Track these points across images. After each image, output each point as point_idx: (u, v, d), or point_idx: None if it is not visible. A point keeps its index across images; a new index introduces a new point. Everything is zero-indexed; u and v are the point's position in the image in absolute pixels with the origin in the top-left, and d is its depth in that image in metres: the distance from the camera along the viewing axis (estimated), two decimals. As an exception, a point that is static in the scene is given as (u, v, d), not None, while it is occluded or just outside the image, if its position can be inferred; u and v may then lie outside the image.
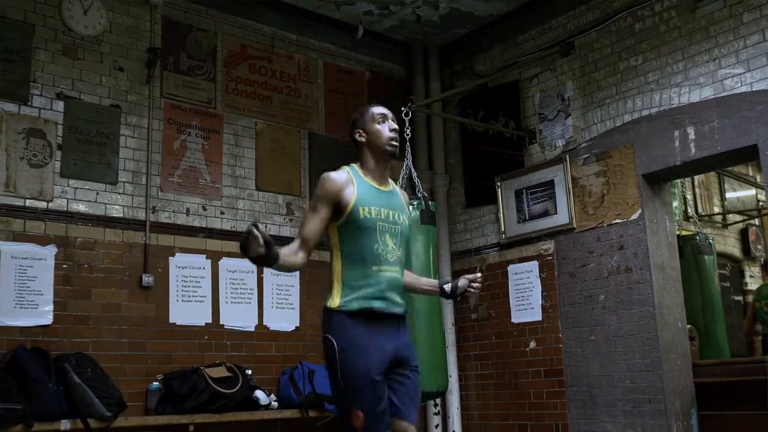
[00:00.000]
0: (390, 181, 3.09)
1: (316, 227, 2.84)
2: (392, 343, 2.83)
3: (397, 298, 2.90)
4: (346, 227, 2.86)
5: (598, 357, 5.50)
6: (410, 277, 3.19)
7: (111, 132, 5.27)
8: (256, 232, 2.53)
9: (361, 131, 3.01)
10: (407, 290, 3.13)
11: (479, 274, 3.21)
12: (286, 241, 5.88)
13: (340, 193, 2.85)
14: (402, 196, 3.12)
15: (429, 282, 3.33)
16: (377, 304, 2.81)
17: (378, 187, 2.98)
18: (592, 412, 5.48)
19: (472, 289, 3.16)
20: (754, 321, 7.54)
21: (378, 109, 3.05)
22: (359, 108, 3.15)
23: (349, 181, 2.90)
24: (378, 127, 2.98)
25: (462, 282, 3.16)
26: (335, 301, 2.82)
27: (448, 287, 3.18)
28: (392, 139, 2.98)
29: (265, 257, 2.57)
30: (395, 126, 3.01)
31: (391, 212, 2.94)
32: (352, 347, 2.72)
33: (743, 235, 10.34)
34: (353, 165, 3.02)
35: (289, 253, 2.76)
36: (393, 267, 2.89)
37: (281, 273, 5.79)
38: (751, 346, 8.07)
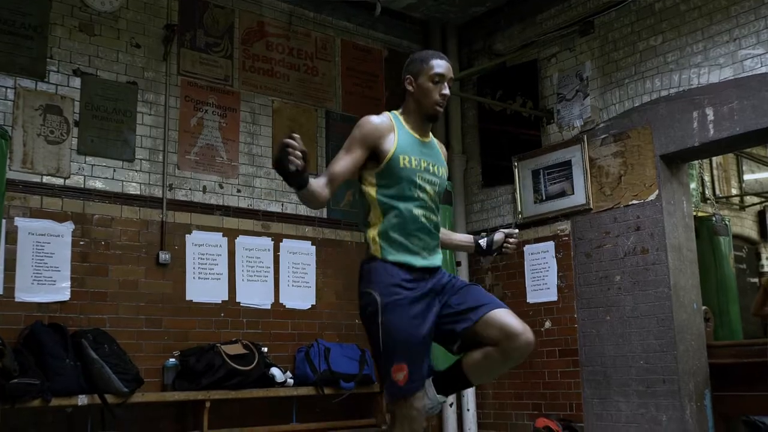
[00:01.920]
0: (430, 133, 2.96)
1: (348, 167, 2.69)
2: (432, 286, 2.72)
3: (435, 250, 2.81)
4: (384, 175, 2.74)
5: (613, 337, 5.50)
6: (443, 233, 3.01)
7: (128, 109, 5.28)
8: (293, 141, 2.38)
9: (412, 79, 2.84)
10: (441, 245, 2.98)
11: (516, 230, 3.12)
12: (302, 219, 5.93)
13: (380, 139, 2.73)
14: (441, 149, 2.99)
15: (463, 238, 3.20)
16: (418, 262, 2.71)
17: (419, 137, 2.86)
18: (606, 392, 5.49)
19: (509, 244, 3.07)
20: (764, 302, 7.48)
21: (438, 66, 2.83)
22: (419, 53, 2.95)
23: (391, 129, 2.77)
24: (430, 85, 2.81)
25: (498, 236, 3.07)
26: (377, 251, 2.70)
27: (483, 242, 3.07)
28: (439, 104, 2.82)
29: (301, 171, 2.42)
30: (447, 92, 2.83)
31: (431, 164, 2.83)
32: (394, 301, 2.60)
33: (761, 217, 10.26)
34: (395, 112, 2.88)
35: (317, 184, 2.60)
36: (429, 216, 2.79)
37: (297, 251, 5.83)
38: (766, 327, 8.03)
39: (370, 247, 2.73)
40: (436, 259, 2.80)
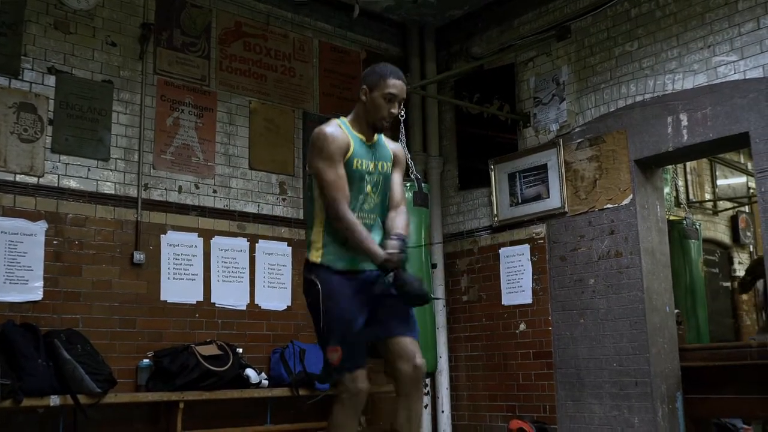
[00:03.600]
0: (376, 135, 3.19)
1: (344, 181, 2.96)
2: (370, 282, 3.00)
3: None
4: None
5: (587, 340, 5.54)
6: (389, 224, 3.17)
7: (103, 108, 5.24)
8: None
9: (367, 90, 3.07)
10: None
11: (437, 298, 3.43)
12: (278, 220, 5.92)
13: (347, 145, 3.01)
14: (387, 144, 3.25)
15: (389, 243, 3.10)
16: (354, 265, 3.00)
17: (366, 141, 3.12)
18: (580, 394, 5.53)
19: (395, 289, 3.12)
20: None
21: (393, 86, 3.06)
22: (380, 65, 3.19)
23: (346, 135, 3.05)
24: (382, 102, 3.04)
25: (392, 277, 3.00)
26: (317, 254, 3.00)
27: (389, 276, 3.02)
28: (385, 119, 3.07)
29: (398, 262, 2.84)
30: (396, 111, 3.07)
31: (378, 164, 3.12)
32: (332, 292, 2.92)
33: (733, 222, 10.39)
34: (342, 118, 3.14)
35: (361, 228, 2.93)
36: (371, 214, 3.07)
37: (273, 252, 5.83)
38: (737, 330, 8.15)
39: (312, 248, 3.03)
40: (371, 264, 3.02)
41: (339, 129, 3.04)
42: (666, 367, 5.29)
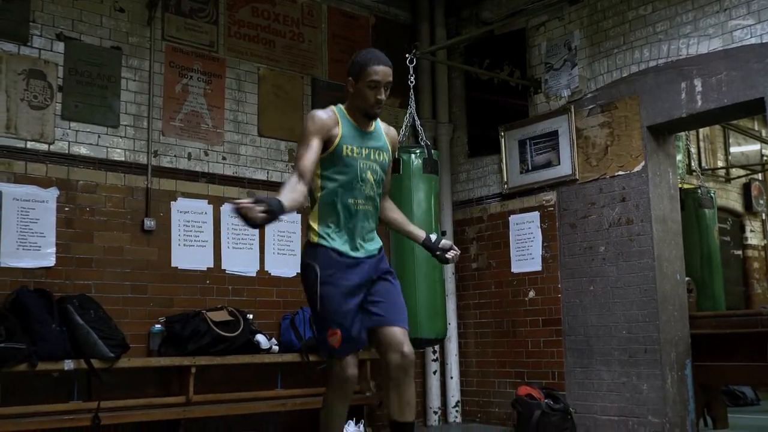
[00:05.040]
0: (374, 122, 3.20)
1: (312, 158, 2.93)
2: (366, 269, 3.04)
3: (371, 237, 3.12)
4: (328, 164, 3.03)
5: (596, 307, 5.55)
6: (400, 218, 3.39)
7: (112, 74, 5.22)
8: (240, 206, 2.56)
9: (352, 82, 3.08)
10: (393, 228, 3.43)
11: (458, 252, 3.36)
12: (287, 187, 5.89)
13: (330, 130, 3.01)
14: (387, 134, 3.26)
15: (416, 231, 3.39)
16: (353, 252, 3.03)
17: (362, 128, 3.12)
18: (588, 361, 5.55)
19: (449, 256, 3.29)
20: None
21: (375, 72, 3.03)
22: (361, 54, 3.14)
23: (336, 121, 3.05)
24: (367, 91, 3.04)
25: (447, 242, 3.32)
26: (315, 236, 3.03)
27: (433, 236, 3.32)
28: (374, 107, 3.07)
29: (269, 213, 2.60)
30: (383, 97, 3.06)
31: (372, 151, 3.12)
32: (330, 276, 2.96)
33: (745, 189, 10.32)
34: (340, 105, 3.15)
35: (290, 190, 2.83)
36: (367, 202, 3.09)
37: (283, 219, 5.83)
38: (748, 300, 8.13)
39: (310, 231, 3.05)
40: (372, 246, 3.11)
41: (330, 113, 3.07)
42: (675, 334, 5.29)
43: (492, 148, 6.39)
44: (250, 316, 5.37)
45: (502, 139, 6.28)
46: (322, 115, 3.03)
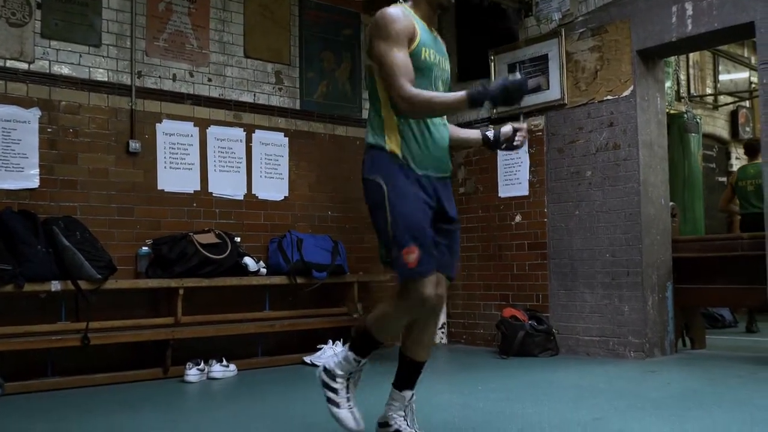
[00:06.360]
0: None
1: (410, 66, 2.55)
2: (437, 195, 2.69)
3: (445, 158, 2.75)
4: None
5: (581, 231, 5.60)
6: (451, 128, 2.93)
7: (92, -9, 5.08)
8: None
9: None
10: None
11: (524, 124, 2.99)
12: (274, 110, 5.86)
13: (413, 29, 2.60)
14: (443, 43, 2.90)
15: (469, 132, 3.04)
16: (429, 171, 2.66)
17: (431, 31, 2.74)
18: (572, 284, 5.64)
19: (519, 136, 2.91)
20: (731, 198, 7.66)
21: None
22: None
23: (411, 20, 2.63)
24: None
25: (506, 128, 2.92)
26: (391, 145, 2.62)
27: (491, 134, 2.93)
28: None
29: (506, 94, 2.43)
30: None
31: (440, 59, 2.75)
32: (400, 189, 2.57)
33: (733, 117, 10.34)
34: (404, 4, 2.71)
35: (439, 94, 2.59)
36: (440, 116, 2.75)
37: (270, 142, 5.80)
38: (731, 225, 8.24)
39: (377, 139, 2.65)
40: (445, 170, 2.74)
41: (404, 12, 2.62)
42: (658, 258, 5.37)
43: (481, 71, 6.32)
44: (238, 239, 5.39)
45: (492, 63, 6.21)
46: (400, 14, 2.58)
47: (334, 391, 2.70)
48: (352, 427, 2.65)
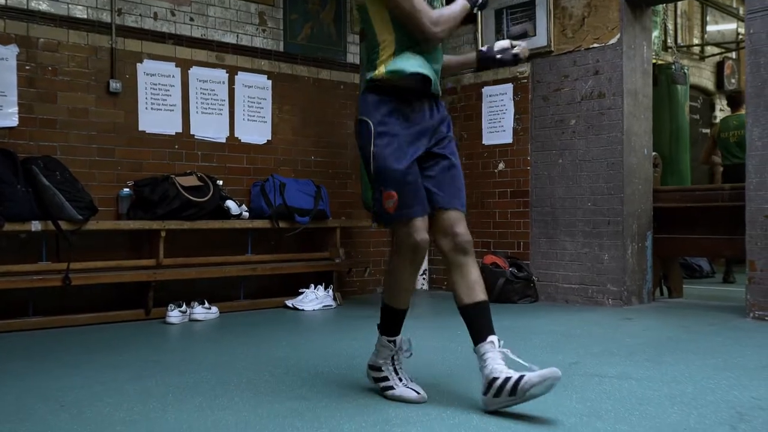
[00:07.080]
0: None
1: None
2: (429, 120, 2.66)
3: (437, 77, 2.71)
4: None
5: (564, 180, 5.62)
6: (447, 56, 2.90)
7: (70, -76, 4.93)
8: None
9: None
10: (448, 71, 2.93)
11: (523, 42, 2.92)
12: (257, 52, 5.77)
13: None
14: None
15: (465, 56, 2.99)
16: (429, 74, 2.62)
17: None
18: (554, 232, 5.68)
19: (518, 48, 2.85)
20: (713, 150, 7.71)
21: None
22: None
23: None
24: None
25: (503, 42, 2.87)
26: (382, 67, 2.59)
27: (485, 48, 2.86)
28: None
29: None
30: None
31: None
32: (386, 131, 2.56)
33: (719, 68, 10.32)
34: None
35: (445, 11, 2.65)
36: (437, 50, 2.72)
37: (253, 85, 5.72)
38: (713, 176, 8.29)
39: (371, 74, 2.63)
40: (438, 87, 2.71)
41: None
42: (639, 207, 5.41)
43: (467, 17, 6.22)
44: (220, 182, 5.36)
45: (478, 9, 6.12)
46: None
47: (384, 379, 2.71)
48: (414, 398, 2.62)
